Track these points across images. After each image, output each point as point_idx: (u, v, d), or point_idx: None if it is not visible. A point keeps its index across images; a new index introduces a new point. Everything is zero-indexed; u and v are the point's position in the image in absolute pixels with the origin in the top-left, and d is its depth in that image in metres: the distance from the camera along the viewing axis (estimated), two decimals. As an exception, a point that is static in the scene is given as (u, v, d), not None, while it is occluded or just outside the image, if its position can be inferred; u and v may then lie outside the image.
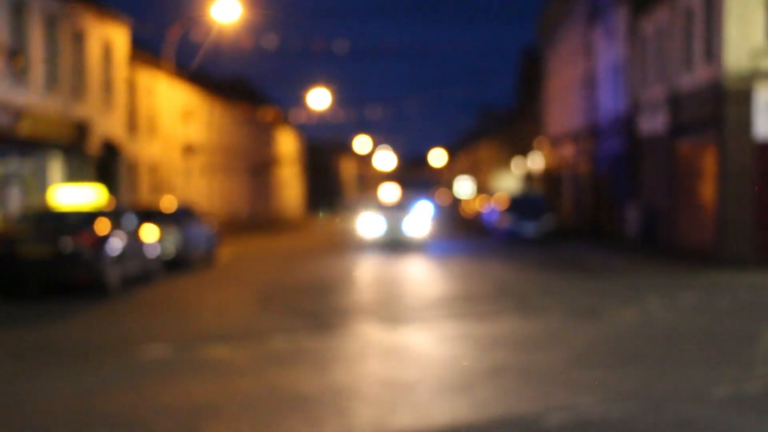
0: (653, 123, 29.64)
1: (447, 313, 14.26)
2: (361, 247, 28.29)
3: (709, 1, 24.30)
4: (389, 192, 45.65)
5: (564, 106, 46.08)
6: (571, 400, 8.09)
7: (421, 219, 28.99)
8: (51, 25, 26.65)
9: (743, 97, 22.65)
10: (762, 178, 22.64)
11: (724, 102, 22.95)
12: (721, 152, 23.33)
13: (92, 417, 7.63)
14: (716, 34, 23.50)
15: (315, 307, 14.87)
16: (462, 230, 45.13)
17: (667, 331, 12.02)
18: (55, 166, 27.05)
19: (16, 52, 23.98)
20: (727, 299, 15.37)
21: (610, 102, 36.01)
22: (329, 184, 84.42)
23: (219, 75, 51.85)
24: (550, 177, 50.65)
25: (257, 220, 54.06)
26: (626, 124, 32.83)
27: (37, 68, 25.63)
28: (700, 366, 9.60)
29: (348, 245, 30.68)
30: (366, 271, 22.00)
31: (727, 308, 14.37)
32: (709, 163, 24.75)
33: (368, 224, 28.53)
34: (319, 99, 51.94)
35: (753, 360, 9.91)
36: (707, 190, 24.97)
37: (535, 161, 56.21)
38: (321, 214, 73.03)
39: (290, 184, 70.03)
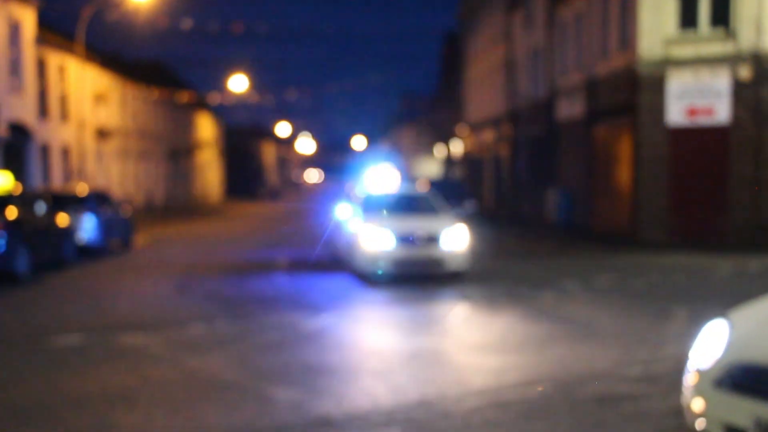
0: (571, 108, 30.23)
1: (365, 299, 14.32)
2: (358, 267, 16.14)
3: (624, -11, 24.87)
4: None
5: (484, 91, 46.57)
6: (490, 383, 8.24)
7: (453, 222, 16.38)
8: (-47, 2, 25.71)
9: (656, 84, 23.26)
10: (674, 162, 23.32)
11: (638, 88, 23.54)
12: (635, 137, 23.93)
13: (2, 409, 7.46)
14: (631, 23, 24.07)
15: (233, 294, 14.77)
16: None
17: (583, 313, 12.32)
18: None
19: None
20: (641, 281, 15.81)
21: (529, 88, 36.58)
22: (249, 168, 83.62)
23: (134, 57, 51.05)
24: (471, 162, 51.20)
25: (175, 205, 53.32)
26: (545, 109, 33.40)
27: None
28: (614, 346, 9.85)
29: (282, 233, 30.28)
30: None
31: (641, 290, 14.77)
32: (624, 148, 25.36)
33: (369, 230, 15.63)
34: (237, 83, 51.50)
35: (663, 340, 10.23)
36: (623, 175, 25.60)
37: (457, 146, 56.74)
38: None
39: (209, 169, 69.19)
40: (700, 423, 5.55)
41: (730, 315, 5.98)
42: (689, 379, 5.75)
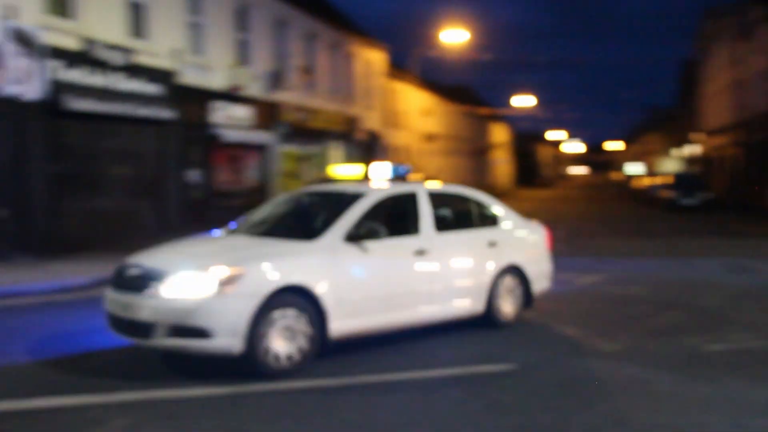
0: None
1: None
2: None
3: None
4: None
5: (717, 104, 39.55)
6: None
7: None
8: (331, 50, 26.10)
9: None
10: None
11: None
12: None
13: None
14: None
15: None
16: (629, 200, 40.21)
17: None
18: (335, 149, 26.72)
19: (309, 70, 23.70)
20: None
21: (758, 102, 29.97)
22: (529, 163, 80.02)
23: (448, 83, 49.86)
24: (706, 160, 44.09)
25: (478, 189, 51.88)
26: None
27: (323, 80, 25.24)
28: None
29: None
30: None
31: None
32: None
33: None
34: (522, 101, 49.11)
35: None
36: None
37: (692, 148, 49.30)
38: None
39: (501, 163, 67.00)
40: None
41: None
42: None
